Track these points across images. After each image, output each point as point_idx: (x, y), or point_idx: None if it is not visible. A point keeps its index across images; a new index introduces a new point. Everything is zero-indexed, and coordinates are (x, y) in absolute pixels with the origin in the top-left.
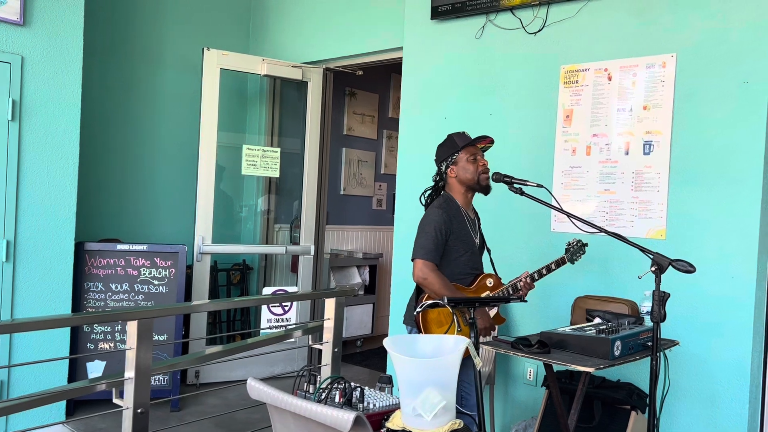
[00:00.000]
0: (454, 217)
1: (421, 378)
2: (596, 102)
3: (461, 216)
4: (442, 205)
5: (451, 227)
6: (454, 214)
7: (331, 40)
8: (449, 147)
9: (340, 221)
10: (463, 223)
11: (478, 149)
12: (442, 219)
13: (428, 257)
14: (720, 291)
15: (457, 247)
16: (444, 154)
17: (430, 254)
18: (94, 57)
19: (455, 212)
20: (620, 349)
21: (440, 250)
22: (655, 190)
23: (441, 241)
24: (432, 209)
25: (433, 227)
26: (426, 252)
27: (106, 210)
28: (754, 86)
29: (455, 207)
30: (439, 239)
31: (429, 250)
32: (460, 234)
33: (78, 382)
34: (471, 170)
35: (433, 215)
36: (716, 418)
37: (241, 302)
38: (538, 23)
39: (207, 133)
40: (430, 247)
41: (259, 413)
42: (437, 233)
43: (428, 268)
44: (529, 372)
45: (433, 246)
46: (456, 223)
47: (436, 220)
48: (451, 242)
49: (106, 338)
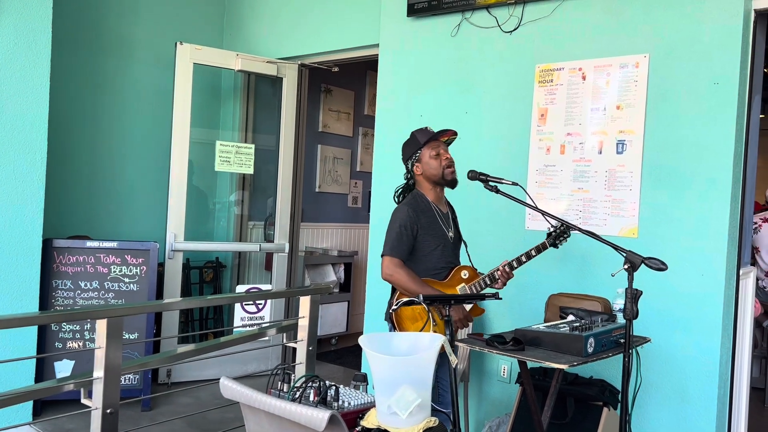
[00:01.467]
0: (423, 212)
1: (396, 376)
2: (570, 101)
3: (431, 211)
4: (409, 201)
5: (418, 223)
6: (422, 209)
7: (306, 36)
8: (412, 144)
9: (315, 219)
10: (433, 218)
11: (441, 143)
12: (408, 215)
13: (394, 254)
14: (690, 288)
15: (428, 241)
16: (408, 152)
17: (396, 251)
18: (63, 50)
19: (424, 208)
20: (593, 346)
21: (407, 247)
22: (628, 189)
23: (408, 238)
24: (399, 206)
25: (398, 224)
26: (392, 248)
27: (75, 206)
28: (725, 87)
29: (424, 203)
30: (405, 235)
31: (394, 246)
32: (429, 229)
33: (45, 382)
34: (435, 165)
35: (399, 212)
36: (686, 414)
37: (214, 300)
38: (514, 22)
39: (179, 128)
40: (395, 243)
41: (233, 412)
42: (402, 229)
43: (394, 264)
44: (503, 369)
45: (398, 243)
46: (424, 218)
47: (401, 217)
48: (420, 238)
49: (75, 337)
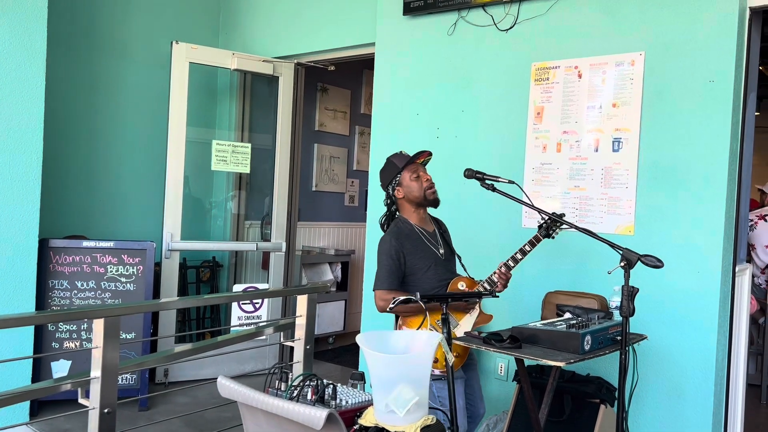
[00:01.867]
0: (407, 238)
1: (393, 374)
2: (566, 99)
3: (416, 235)
4: (392, 230)
5: (403, 250)
6: (406, 235)
7: (302, 35)
8: (391, 170)
9: (311, 218)
10: (418, 241)
11: (419, 165)
12: (392, 245)
13: (384, 286)
14: (686, 285)
15: (418, 265)
16: (387, 177)
17: (385, 283)
18: (59, 49)
19: (408, 233)
20: (590, 344)
21: (396, 277)
22: (624, 187)
23: (396, 268)
24: (382, 238)
25: (384, 257)
26: (381, 282)
27: (71, 206)
28: (720, 85)
29: (408, 227)
30: (393, 266)
31: (383, 279)
32: (416, 252)
33: (42, 382)
34: (416, 187)
35: (383, 244)
36: (683, 410)
37: (210, 299)
38: (510, 20)
39: (175, 127)
40: (383, 276)
41: (230, 412)
42: (390, 261)
43: (384, 295)
44: (500, 367)
45: (388, 275)
46: (409, 243)
47: (386, 249)
48: (409, 263)
49: (72, 337)
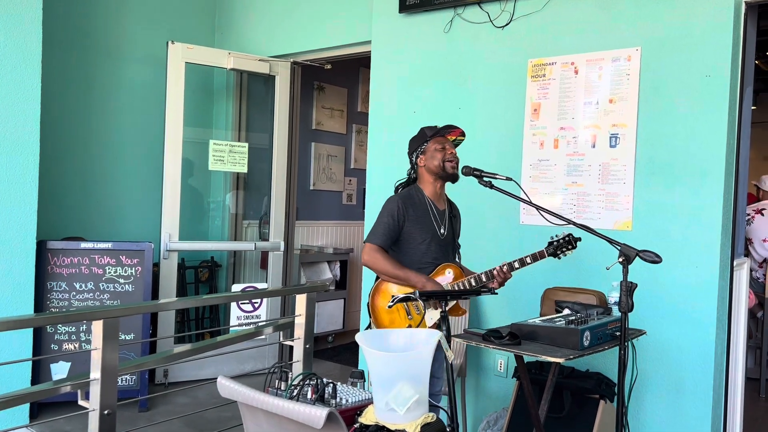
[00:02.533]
0: (414, 206)
1: (393, 372)
2: (563, 95)
3: (424, 206)
4: (401, 194)
5: (406, 214)
6: (415, 202)
7: (298, 34)
8: (419, 138)
9: (309, 216)
10: (425, 212)
11: (448, 140)
12: (397, 206)
13: (375, 241)
14: (685, 280)
15: (414, 234)
16: (414, 145)
17: (378, 238)
18: (54, 50)
19: (417, 202)
20: (589, 340)
21: (390, 237)
22: (622, 182)
23: (393, 228)
24: (390, 198)
25: (385, 214)
26: (374, 236)
27: (68, 207)
28: (717, 79)
29: (419, 196)
30: (389, 225)
31: (378, 233)
32: (417, 222)
33: (41, 385)
34: (438, 158)
35: (388, 203)
36: (682, 405)
37: (209, 300)
38: (506, 17)
39: (172, 128)
40: (379, 231)
41: (230, 411)
42: (389, 219)
43: (374, 250)
44: (500, 363)
45: (382, 231)
46: (414, 211)
47: (389, 207)
48: (407, 229)
49: (71, 339)
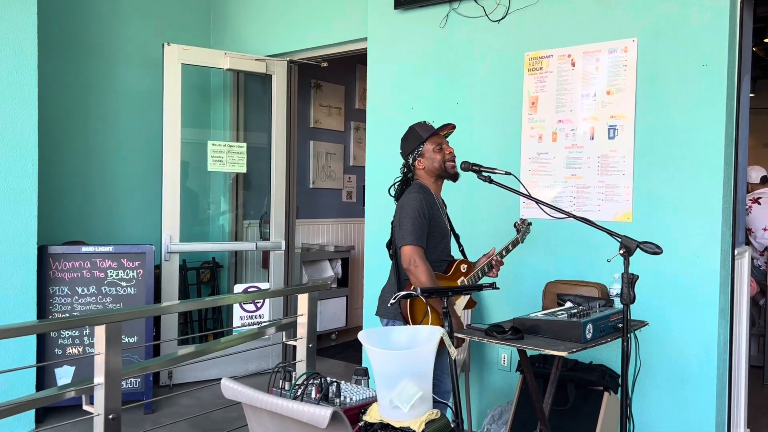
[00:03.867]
0: (431, 203)
1: (396, 370)
2: (561, 88)
3: (436, 203)
4: (419, 190)
5: (431, 212)
6: (431, 199)
7: (294, 32)
8: (414, 139)
9: (310, 215)
10: (438, 211)
11: (442, 137)
12: (423, 203)
13: (416, 242)
14: (686, 270)
15: (434, 234)
16: (409, 147)
17: (419, 239)
18: (50, 54)
19: (431, 200)
20: (592, 332)
21: (425, 233)
22: (621, 174)
23: (424, 225)
24: (410, 195)
25: (416, 212)
26: (414, 237)
27: (69, 212)
28: (714, 68)
29: (430, 194)
30: (422, 223)
31: (418, 235)
32: (434, 220)
33: (46, 391)
34: (438, 159)
35: (413, 200)
36: (686, 394)
37: (211, 302)
38: (501, 11)
39: (170, 129)
40: (418, 232)
41: (235, 412)
42: (421, 217)
43: (417, 254)
44: (503, 358)
45: (419, 230)
46: (431, 209)
47: (417, 204)
48: (430, 228)
49: (74, 343)
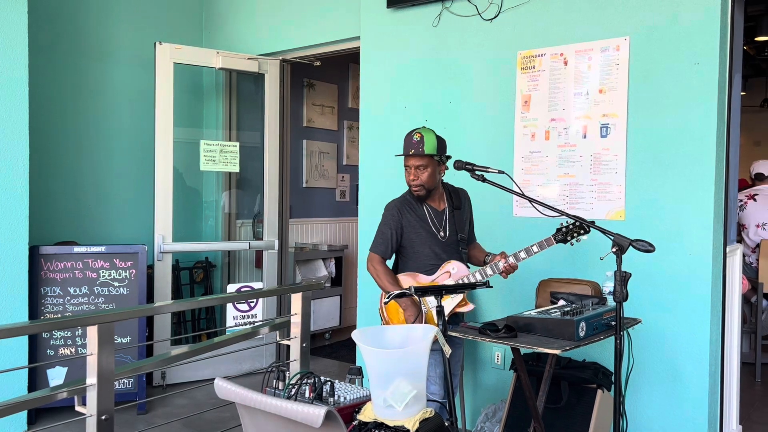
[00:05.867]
0: (411, 211)
1: (390, 369)
2: (553, 87)
3: (420, 210)
4: (400, 199)
5: (402, 221)
6: (413, 207)
7: (287, 31)
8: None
9: (303, 214)
10: (422, 217)
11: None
12: (392, 214)
13: (376, 250)
14: (679, 268)
15: (414, 240)
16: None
17: (378, 248)
18: (41, 54)
19: (414, 208)
20: (585, 330)
21: (390, 245)
22: (613, 172)
23: (391, 237)
24: (388, 204)
25: (385, 224)
26: (375, 246)
27: (60, 212)
28: (705, 67)
29: (415, 203)
30: (388, 234)
31: (378, 243)
32: (414, 228)
33: (38, 392)
34: (407, 179)
35: (386, 211)
36: (679, 392)
37: (204, 302)
38: (494, 10)
39: (162, 129)
40: (379, 240)
41: (229, 412)
42: (386, 229)
43: (373, 260)
44: (497, 356)
45: (381, 241)
46: (411, 216)
47: (386, 216)
48: (407, 235)
49: (67, 343)
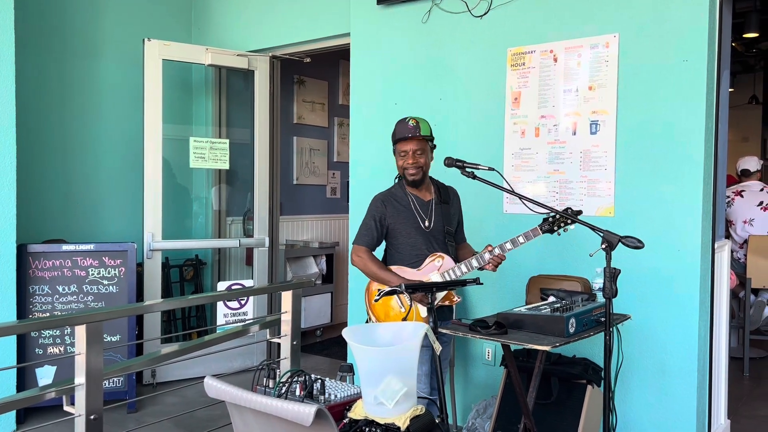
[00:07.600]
0: (395, 202)
1: (381, 367)
2: (543, 84)
3: (406, 201)
4: (385, 192)
5: (386, 213)
6: (397, 198)
7: (277, 28)
8: (392, 136)
9: (294, 211)
10: (406, 208)
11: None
12: (376, 207)
13: (360, 242)
14: (667, 264)
15: (399, 230)
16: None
17: (363, 239)
18: (27, 51)
19: (399, 197)
20: (575, 326)
21: (374, 236)
22: (603, 169)
23: (374, 228)
24: (375, 197)
25: (369, 216)
26: (359, 237)
27: (49, 210)
28: (694, 64)
29: (400, 193)
30: (372, 226)
31: (362, 235)
32: (399, 218)
33: (26, 392)
34: (399, 164)
35: (371, 203)
36: (668, 387)
37: (195, 300)
38: (484, 6)
39: (151, 126)
40: (363, 232)
41: (220, 409)
42: (370, 221)
43: (359, 251)
44: (488, 352)
45: (365, 232)
46: (395, 207)
47: (371, 208)
48: (392, 226)
49: (56, 342)
